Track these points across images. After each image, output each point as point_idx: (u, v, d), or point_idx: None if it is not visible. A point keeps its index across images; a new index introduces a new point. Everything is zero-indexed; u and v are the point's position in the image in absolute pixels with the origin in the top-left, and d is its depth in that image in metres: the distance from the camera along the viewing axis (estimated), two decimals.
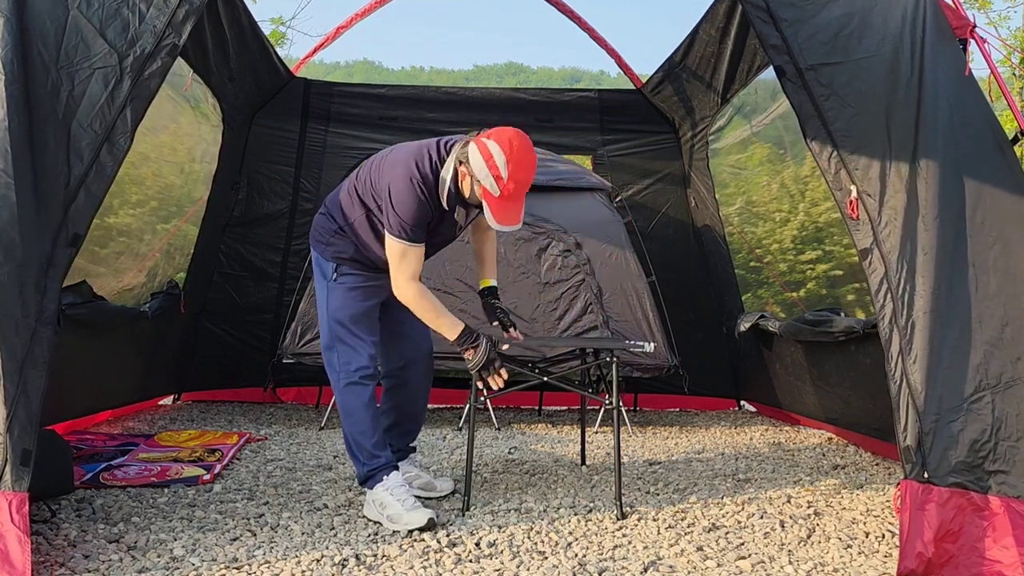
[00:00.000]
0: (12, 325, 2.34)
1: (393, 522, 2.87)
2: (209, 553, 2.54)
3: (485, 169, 2.79)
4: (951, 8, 2.91)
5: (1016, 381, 2.51)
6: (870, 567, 2.57)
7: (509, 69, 63.29)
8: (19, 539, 2.19)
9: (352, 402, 3.04)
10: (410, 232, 2.88)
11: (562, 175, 5.44)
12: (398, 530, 2.83)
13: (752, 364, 5.81)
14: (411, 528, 2.82)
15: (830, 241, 4.94)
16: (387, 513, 2.90)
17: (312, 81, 6.38)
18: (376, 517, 2.95)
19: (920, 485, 2.47)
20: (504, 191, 2.80)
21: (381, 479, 2.98)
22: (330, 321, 3.09)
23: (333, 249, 3.11)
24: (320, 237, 3.18)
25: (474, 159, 2.81)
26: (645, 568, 2.51)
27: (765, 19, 2.84)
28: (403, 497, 2.92)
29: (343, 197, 3.15)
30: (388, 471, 3.01)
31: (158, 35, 2.67)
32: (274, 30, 10.50)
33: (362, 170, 3.13)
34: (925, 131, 2.71)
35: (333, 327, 3.08)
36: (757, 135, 5.52)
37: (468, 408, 5.45)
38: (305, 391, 6.07)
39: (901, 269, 2.63)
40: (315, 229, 3.23)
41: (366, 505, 3.03)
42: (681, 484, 3.64)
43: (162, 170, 5.09)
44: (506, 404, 6.11)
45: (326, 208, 3.23)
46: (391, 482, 2.96)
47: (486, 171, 2.79)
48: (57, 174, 2.52)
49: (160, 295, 5.06)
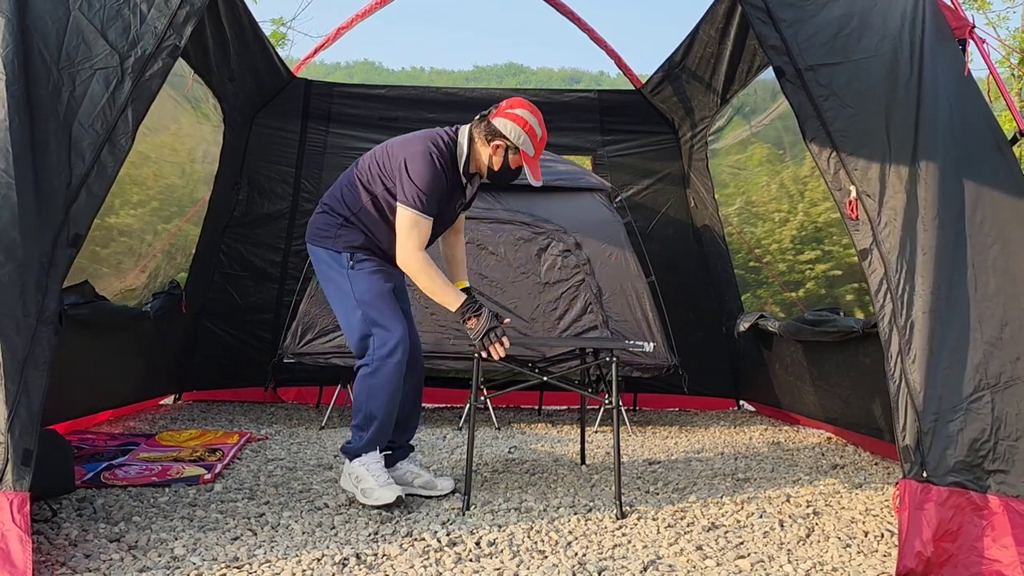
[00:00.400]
0: (13, 325, 2.34)
1: (365, 496, 3.04)
2: (210, 552, 2.55)
3: (523, 134, 3.13)
4: (950, 9, 2.91)
5: (1015, 381, 2.51)
6: (869, 566, 2.58)
7: (509, 70, 63.33)
8: (20, 539, 2.19)
9: (388, 374, 3.06)
10: (424, 202, 3.05)
11: (562, 175, 5.44)
12: (367, 504, 3.02)
13: (752, 364, 5.81)
14: (380, 504, 3.00)
15: (829, 241, 4.94)
16: (361, 487, 3.05)
17: (313, 82, 6.38)
18: (351, 489, 3.11)
19: (919, 484, 2.48)
20: (538, 148, 3.18)
21: (361, 454, 3.10)
22: (360, 306, 3.11)
23: (343, 240, 3.18)
24: (325, 232, 3.21)
25: (509, 128, 3.13)
26: (645, 567, 2.51)
27: (764, 20, 2.85)
28: (377, 474, 3.06)
29: (345, 189, 3.24)
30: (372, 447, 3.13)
31: (159, 36, 2.68)
32: (275, 31, 10.51)
33: (362, 162, 3.25)
34: (924, 131, 2.72)
35: (366, 311, 3.11)
36: (756, 135, 5.52)
37: (468, 408, 5.46)
38: (306, 391, 6.08)
39: (900, 269, 2.64)
40: (315, 227, 3.26)
41: (343, 477, 3.16)
42: (680, 483, 3.65)
43: (163, 170, 5.10)
44: (506, 404, 6.12)
45: (326, 206, 3.27)
46: (369, 459, 3.10)
47: (524, 135, 3.13)
48: (58, 174, 2.53)
49: (161, 295, 5.07)
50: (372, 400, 3.08)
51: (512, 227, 5.28)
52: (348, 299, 3.14)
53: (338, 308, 3.20)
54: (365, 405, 3.09)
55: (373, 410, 3.08)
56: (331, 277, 3.20)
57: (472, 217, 5.15)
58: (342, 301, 3.17)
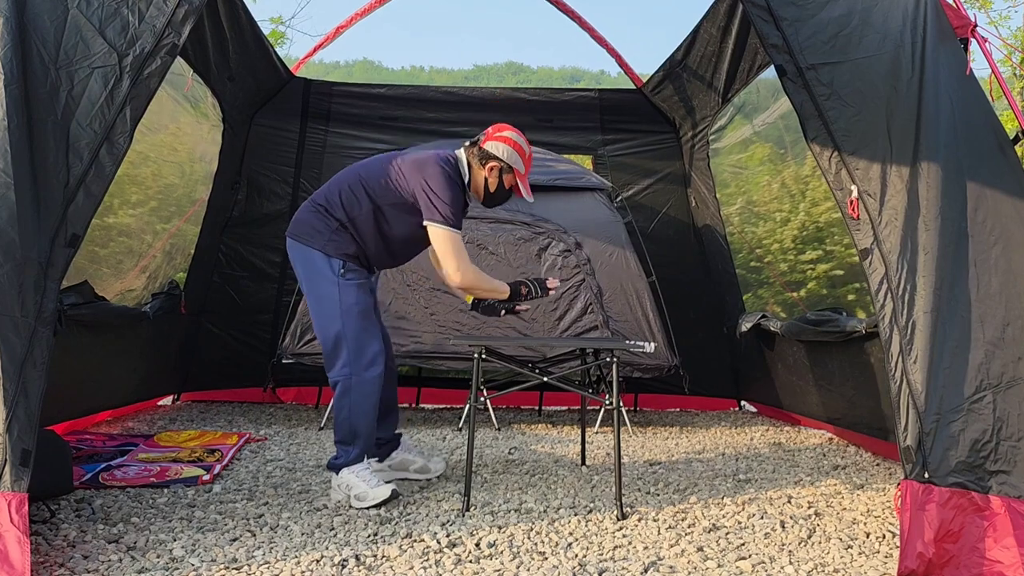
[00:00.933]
0: (12, 325, 2.33)
1: (361, 500, 3.11)
2: (209, 553, 2.54)
3: (515, 154, 3.31)
4: (952, 7, 2.90)
5: (1017, 381, 2.50)
6: (871, 567, 2.57)
7: (509, 69, 63.34)
8: (18, 539, 2.18)
9: (368, 389, 3.18)
10: (455, 217, 3.18)
11: (562, 175, 5.43)
12: (366, 507, 3.09)
13: (753, 364, 5.80)
14: (377, 502, 3.09)
15: (831, 241, 4.93)
16: (353, 493, 3.13)
17: (312, 81, 6.38)
18: (342, 498, 3.19)
19: (921, 485, 2.47)
20: (527, 165, 3.36)
21: (349, 464, 3.20)
22: (344, 317, 3.16)
23: (335, 246, 3.20)
24: (317, 233, 3.21)
25: (501, 150, 3.29)
26: (645, 568, 2.50)
27: (766, 18, 2.84)
28: (367, 478, 3.17)
29: (346, 194, 3.24)
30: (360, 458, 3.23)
31: (157, 35, 2.67)
32: (273, 30, 10.50)
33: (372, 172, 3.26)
34: (926, 131, 2.71)
35: (348, 323, 3.16)
36: (758, 135, 5.52)
37: (468, 408, 5.45)
38: (305, 391, 6.07)
39: (901, 269, 2.63)
40: (306, 225, 3.24)
41: (333, 490, 3.23)
42: (681, 484, 3.64)
43: (162, 170, 5.09)
44: (506, 404, 6.11)
45: (320, 206, 3.26)
46: (357, 467, 3.20)
47: (516, 155, 3.31)
48: (56, 174, 2.52)
49: (160, 295, 5.06)
50: (353, 415, 3.19)
51: (512, 227, 5.27)
52: (333, 307, 3.17)
53: (318, 312, 3.21)
54: (348, 422, 3.19)
55: (355, 425, 3.20)
56: (316, 281, 3.20)
57: (472, 217, 5.14)
58: (326, 307, 3.18)
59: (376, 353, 3.19)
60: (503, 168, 3.30)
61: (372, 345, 3.19)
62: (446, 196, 3.15)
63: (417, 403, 6.12)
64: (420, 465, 3.55)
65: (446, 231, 3.15)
